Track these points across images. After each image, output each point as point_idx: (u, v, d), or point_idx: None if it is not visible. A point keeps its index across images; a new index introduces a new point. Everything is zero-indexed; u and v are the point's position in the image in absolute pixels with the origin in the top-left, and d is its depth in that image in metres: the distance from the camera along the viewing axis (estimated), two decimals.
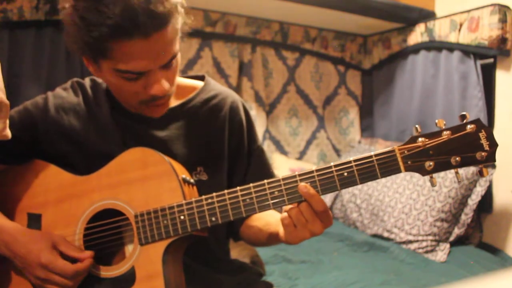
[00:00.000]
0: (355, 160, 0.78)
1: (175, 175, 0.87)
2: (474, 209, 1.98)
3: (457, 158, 0.75)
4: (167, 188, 0.87)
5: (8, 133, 0.87)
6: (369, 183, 2.31)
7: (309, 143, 2.84)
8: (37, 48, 1.98)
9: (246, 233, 1.05)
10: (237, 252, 1.40)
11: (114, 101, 0.99)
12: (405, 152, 0.77)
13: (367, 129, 2.97)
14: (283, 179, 0.81)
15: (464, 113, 0.76)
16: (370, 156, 0.77)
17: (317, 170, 0.79)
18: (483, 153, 0.74)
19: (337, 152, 2.91)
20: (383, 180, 2.25)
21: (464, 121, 0.76)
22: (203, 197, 0.84)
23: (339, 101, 2.95)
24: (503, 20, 1.95)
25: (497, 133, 2.02)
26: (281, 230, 0.86)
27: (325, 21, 2.64)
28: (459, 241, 2.04)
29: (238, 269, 1.10)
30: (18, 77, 1.94)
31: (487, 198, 2.06)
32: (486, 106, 2.09)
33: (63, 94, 1.01)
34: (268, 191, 0.81)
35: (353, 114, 2.96)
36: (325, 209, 0.79)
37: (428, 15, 2.38)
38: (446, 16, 2.24)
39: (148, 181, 0.88)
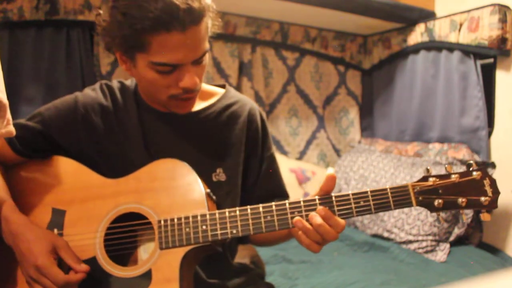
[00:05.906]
0: (371, 191, 0.85)
1: (202, 188, 0.91)
2: None
3: (463, 200, 0.83)
4: (192, 200, 0.91)
5: (12, 129, 0.87)
6: (368, 182, 2.32)
7: (309, 143, 2.84)
8: (37, 48, 1.98)
9: (255, 236, 1.10)
10: (237, 252, 1.40)
11: (142, 104, 1.03)
12: (418, 188, 0.84)
13: (367, 129, 2.97)
14: (304, 201, 0.86)
15: (471, 161, 0.85)
16: (385, 189, 0.85)
17: (336, 197, 0.86)
18: (486, 198, 0.82)
19: (337, 152, 2.91)
20: (383, 179, 2.25)
21: (471, 168, 0.84)
22: (226, 210, 0.88)
23: (339, 101, 2.95)
24: (503, 20, 1.95)
25: (497, 133, 2.04)
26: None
27: (325, 21, 2.64)
28: (459, 241, 2.04)
29: (240, 271, 1.11)
30: (18, 77, 1.93)
31: None
32: (486, 106, 2.09)
33: (92, 95, 1.04)
34: (288, 211, 0.86)
35: (353, 114, 2.96)
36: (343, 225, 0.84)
37: (428, 15, 2.38)
38: (446, 16, 2.24)
39: (175, 191, 0.92)
